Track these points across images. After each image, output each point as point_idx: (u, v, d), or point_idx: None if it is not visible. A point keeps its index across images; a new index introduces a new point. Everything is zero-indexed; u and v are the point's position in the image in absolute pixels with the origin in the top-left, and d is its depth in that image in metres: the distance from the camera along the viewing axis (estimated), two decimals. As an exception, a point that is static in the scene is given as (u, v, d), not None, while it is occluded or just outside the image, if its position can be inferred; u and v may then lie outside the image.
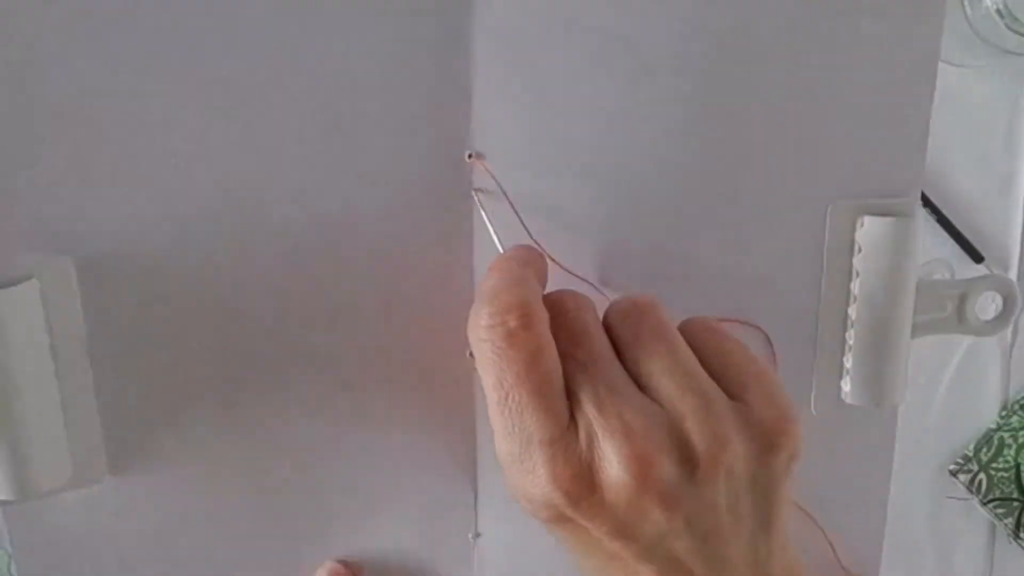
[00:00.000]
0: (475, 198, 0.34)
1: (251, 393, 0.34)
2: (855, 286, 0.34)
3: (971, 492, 0.71)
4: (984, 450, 0.71)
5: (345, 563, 0.36)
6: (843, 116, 0.33)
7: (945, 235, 0.70)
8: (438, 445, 0.36)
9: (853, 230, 0.34)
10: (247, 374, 0.34)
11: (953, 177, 0.70)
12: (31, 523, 0.34)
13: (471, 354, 0.30)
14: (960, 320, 0.36)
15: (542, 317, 0.28)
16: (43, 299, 0.31)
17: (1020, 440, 0.71)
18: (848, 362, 0.35)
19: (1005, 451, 0.71)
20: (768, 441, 0.29)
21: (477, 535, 0.37)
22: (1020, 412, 0.71)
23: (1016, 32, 0.60)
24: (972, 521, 0.72)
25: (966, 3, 0.63)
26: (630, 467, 0.27)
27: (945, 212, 0.70)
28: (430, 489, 0.36)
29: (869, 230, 0.34)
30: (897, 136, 0.34)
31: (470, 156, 0.33)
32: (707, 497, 0.28)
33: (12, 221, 0.31)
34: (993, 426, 0.71)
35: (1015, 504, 0.71)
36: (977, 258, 0.70)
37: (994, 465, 0.71)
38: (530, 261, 0.30)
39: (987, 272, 0.35)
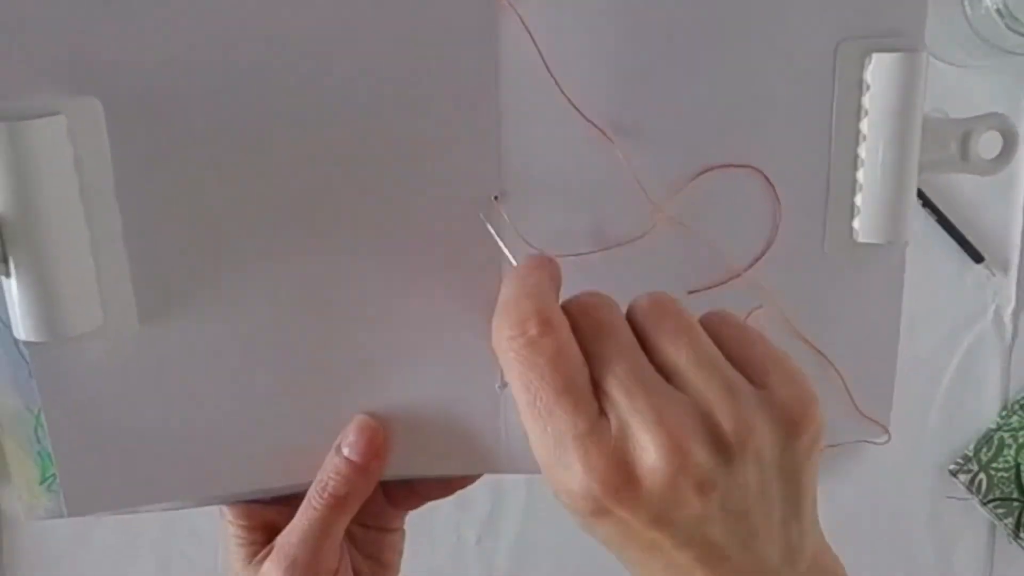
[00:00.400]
0: (481, 218, 0.35)
1: (281, 245, 0.34)
2: (864, 125, 0.35)
3: (971, 492, 0.71)
4: (984, 450, 0.71)
5: (374, 416, 0.36)
6: None
7: (945, 235, 0.70)
8: (463, 300, 0.36)
9: (862, 69, 0.35)
10: (278, 226, 0.34)
11: (953, 177, 0.70)
12: (60, 372, 0.33)
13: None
14: (963, 158, 0.37)
15: (559, 320, 0.29)
16: (71, 137, 0.31)
17: (1020, 440, 0.71)
18: (859, 201, 0.36)
19: (1005, 451, 0.71)
20: (791, 424, 0.29)
21: (503, 385, 0.36)
22: (1020, 412, 0.71)
23: (1016, 32, 0.60)
24: (972, 521, 0.72)
25: (966, 3, 0.63)
26: (665, 453, 0.27)
27: (945, 212, 0.70)
28: (455, 342, 0.36)
29: (877, 67, 0.35)
30: None
31: None
32: (739, 480, 0.29)
33: (37, 56, 0.31)
34: (993, 426, 0.71)
35: (1015, 504, 0.71)
36: (977, 258, 0.70)
37: (994, 465, 0.71)
38: (543, 266, 0.31)
39: (989, 114, 0.37)
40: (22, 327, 0.31)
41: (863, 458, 0.71)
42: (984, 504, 0.71)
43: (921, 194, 0.69)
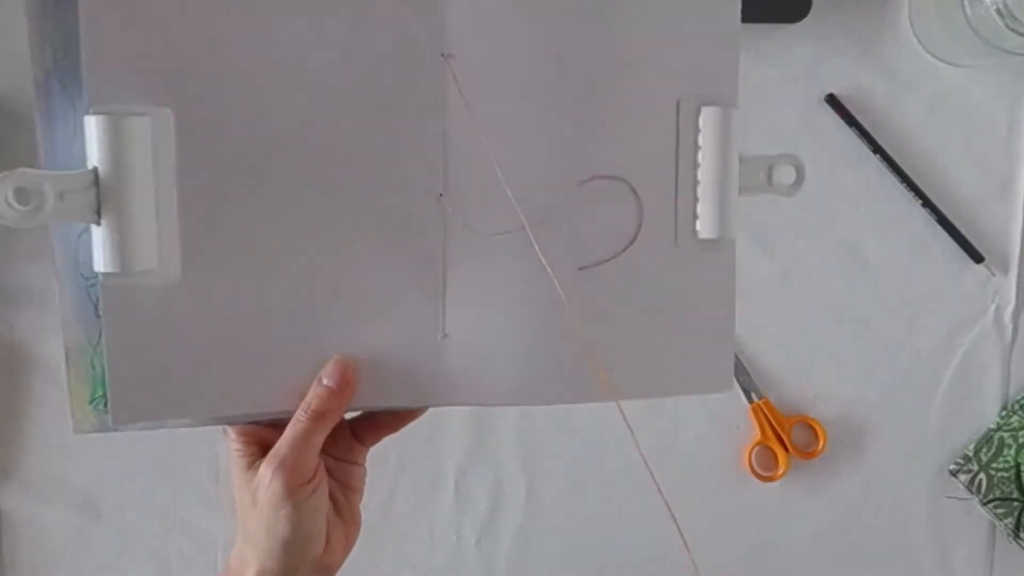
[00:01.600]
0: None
1: (287, 226, 0.47)
2: (700, 156, 0.50)
3: (971, 492, 0.71)
4: (984, 450, 0.71)
5: (347, 356, 0.48)
6: (680, 31, 0.50)
7: (945, 235, 0.70)
8: (416, 274, 0.48)
9: (697, 116, 0.50)
10: (285, 212, 0.47)
11: (953, 177, 0.70)
12: (121, 301, 0.45)
13: None
14: (769, 184, 0.52)
15: None
16: (151, 133, 0.44)
17: (1020, 440, 0.71)
18: (699, 209, 0.51)
19: (1005, 451, 0.71)
20: None
21: (444, 336, 0.49)
22: (1020, 412, 0.71)
23: (1016, 32, 0.61)
24: (972, 521, 0.72)
25: (966, 3, 0.63)
26: None
27: (945, 212, 0.70)
28: (407, 304, 0.48)
29: (705, 117, 0.50)
30: (715, 44, 0.51)
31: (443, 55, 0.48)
32: None
33: (138, 76, 0.44)
34: (993, 426, 0.71)
35: (1015, 504, 0.71)
36: (977, 258, 0.70)
37: (994, 465, 0.71)
38: None
39: (784, 154, 0.53)
40: (102, 261, 0.44)
41: (863, 458, 0.71)
42: (984, 504, 0.71)
43: (921, 194, 0.69)
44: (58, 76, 0.46)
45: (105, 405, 0.46)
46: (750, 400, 0.70)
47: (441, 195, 0.48)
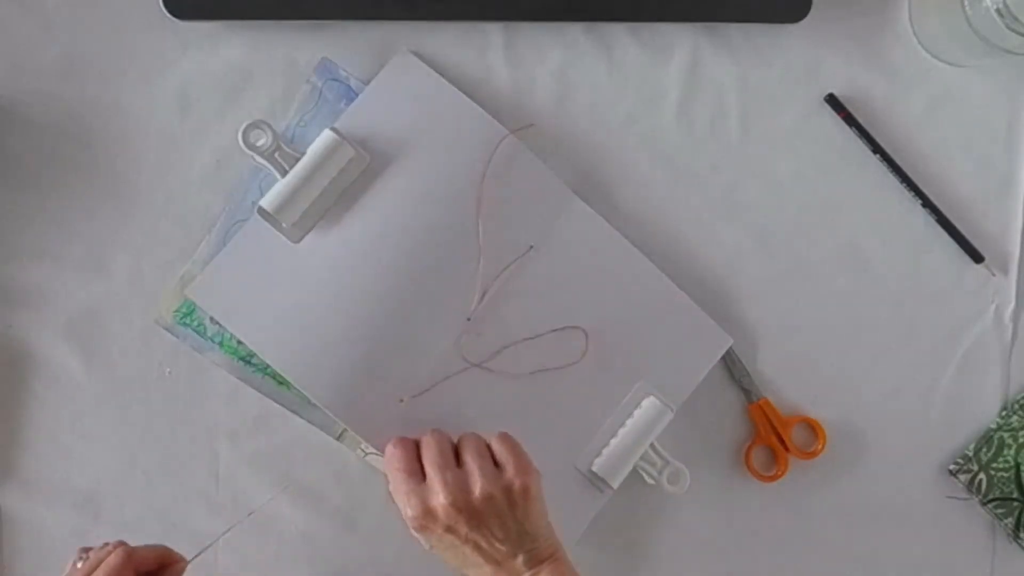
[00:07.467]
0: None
1: (372, 288, 0.65)
2: (628, 422, 0.68)
3: (971, 492, 0.71)
4: (984, 450, 0.71)
5: None
6: (672, 344, 0.69)
7: (945, 235, 0.70)
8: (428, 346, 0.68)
9: (642, 398, 0.68)
10: (374, 282, 0.66)
11: (953, 177, 0.70)
12: (258, 235, 0.64)
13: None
14: (659, 475, 0.69)
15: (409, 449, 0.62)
16: (350, 158, 0.64)
17: (1020, 440, 0.71)
18: (603, 451, 0.69)
19: (1005, 451, 0.71)
20: (509, 484, 0.59)
21: (400, 401, 0.66)
22: (1020, 412, 0.71)
23: (1016, 32, 0.61)
24: (972, 521, 0.72)
25: (966, 3, 0.63)
26: (445, 499, 0.58)
27: (945, 212, 0.70)
28: (407, 362, 0.68)
29: (647, 404, 0.68)
30: (689, 367, 0.69)
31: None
32: (485, 513, 0.58)
33: (363, 137, 0.66)
34: (993, 426, 0.71)
35: (1015, 504, 0.71)
36: (977, 258, 0.70)
37: (994, 465, 0.71)
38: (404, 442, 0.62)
39: (677, 464, 0.66)
40: (268, 201, 0.63)
41: (863, 458, 0.71)
42: (984, 504, 0.71)
43: (921, 194, 0.69)
44: (321, 107, 0.67)
45: (183, 319, 0.66)
46: (750, 400, 0.70)
47: (468, 319, 0.66)
